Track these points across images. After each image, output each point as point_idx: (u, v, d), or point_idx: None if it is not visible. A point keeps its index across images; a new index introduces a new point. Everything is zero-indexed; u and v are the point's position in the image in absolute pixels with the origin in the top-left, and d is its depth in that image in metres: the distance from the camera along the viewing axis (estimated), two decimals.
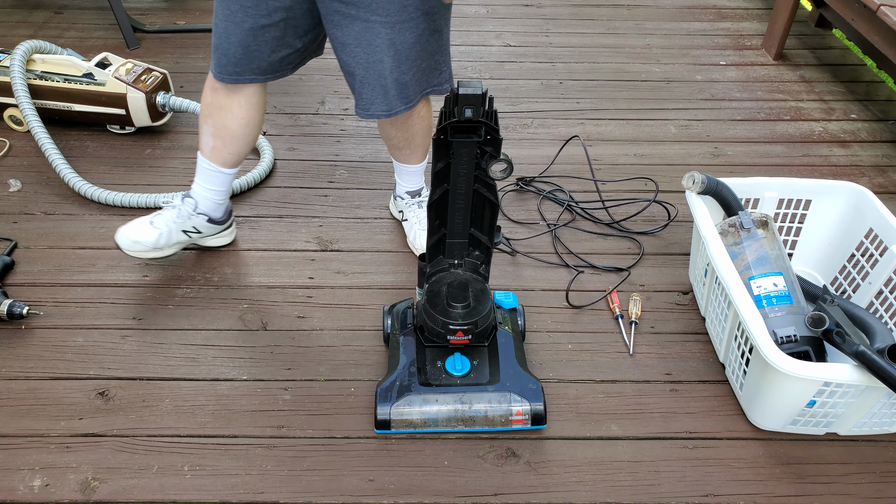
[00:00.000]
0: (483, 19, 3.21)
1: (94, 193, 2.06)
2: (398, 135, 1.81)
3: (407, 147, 1.86)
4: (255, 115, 1.75)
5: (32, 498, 1.39)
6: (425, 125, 1.81)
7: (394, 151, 1.90)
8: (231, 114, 1.71)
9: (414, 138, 1.82)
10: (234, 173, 1.84)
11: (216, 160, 1.78)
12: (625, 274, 1.93)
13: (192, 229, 1.85)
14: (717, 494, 1.44)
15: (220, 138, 1.75)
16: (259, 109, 1.76)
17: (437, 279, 1.55)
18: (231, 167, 1.81)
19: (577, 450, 1.51)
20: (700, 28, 3.21)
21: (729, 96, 2.73)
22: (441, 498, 1.42)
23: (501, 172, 1.33)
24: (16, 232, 1.98)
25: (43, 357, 1.65)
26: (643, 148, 2.44)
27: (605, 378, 1.66)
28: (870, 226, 1.72)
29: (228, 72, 1.63)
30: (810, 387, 1.38)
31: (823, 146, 2.49)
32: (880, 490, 1.46)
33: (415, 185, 1.99)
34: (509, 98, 2.67)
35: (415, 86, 1.63)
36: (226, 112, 1.71)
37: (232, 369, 1.65)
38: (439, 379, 1.52)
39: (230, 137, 1.75)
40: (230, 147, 1.77)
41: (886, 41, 2.39)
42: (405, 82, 1.60)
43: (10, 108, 2.31)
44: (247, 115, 1.73)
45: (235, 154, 1.79)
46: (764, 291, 1.60)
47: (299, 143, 2.39)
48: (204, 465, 1.45)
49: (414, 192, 2.00)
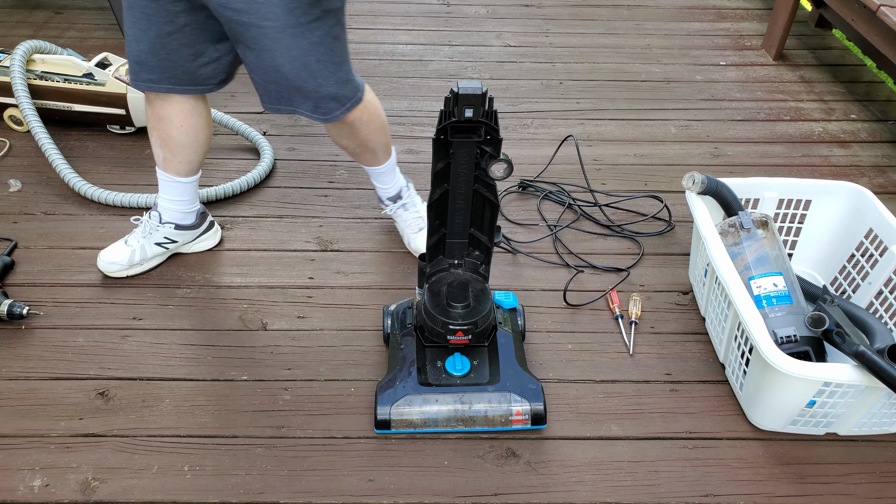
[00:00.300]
0: (483, 19, 3.21)
1: (94, 193, 2.07)
2: (349, 144, 1.76)
3: (364, 152, 1.81)
4: (197, 121, 1.70)
5: (32, 498, 1.39)
6: (373, 128, 1.73)
7: (355, 158, 1.86)
8: (171, 123, 1.68)
9: (367, 143, 1.76)
10: (193, 181, 1.81)
11: (170, 171, 1.77)
12: (624, 274, 1.93)
13: (164, 240, 1.85)
14: (717, 494, 1.44)
15: (168, 149, 1.72)
16: (200, 114, 1.70)
17: (437, 279, 1.55)
18: (186, 176, 1.78)
19: (577, 450, 1.51)
20: (700, 28, 3.21)
21: (729, 96, 2.74)
22: (441, 498, 1.42)
23: (501, 172, 1.33)
24: (16, 232, 1.98)
25: (43, 357, 1.65)
26: (643, 148, 2.44)
27: (605, 378, 1.66)
28: (870, 226, 1.72)
29: (142, 79, 1.59)
30: (810, 387, 1.38)
31: (823, 146, 2.49)
32: (880, 490, 1.46)
33: (391, 187, 1.93)
34: (509, 98, 2.68)
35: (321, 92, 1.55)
36: (165, 122, 1.68)
37: (232, 369, 1.65)
38: (439, 379, 1.52)
39: (176, 147, 1.72)
40: (179, 156, 1.74)
41: (886, 41, 2.39)
42: (308, 91, 1.54)
43: (11, 108, 2.31)
44: (187, 123, 1.69)
45: (187, 162, 1.76)
46: (764, 291, 1.60)
47: (299, 143, 2.40)
48: (204, 465, 1.45)
49: (393, 196, 1.94)
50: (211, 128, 1.77)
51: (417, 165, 2.31)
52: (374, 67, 2.82)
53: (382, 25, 3.11)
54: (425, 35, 3.06)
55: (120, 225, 2.00)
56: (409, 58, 2.90)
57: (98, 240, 1.96)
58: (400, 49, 2.95)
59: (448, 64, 2.87)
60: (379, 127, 1.75)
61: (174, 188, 1.80)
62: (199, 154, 1.77)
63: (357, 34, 3.03)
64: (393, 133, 2.45)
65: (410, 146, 2.40)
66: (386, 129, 1.80)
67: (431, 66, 2.85)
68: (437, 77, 2.78)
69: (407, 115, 2.55)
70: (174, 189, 1.80)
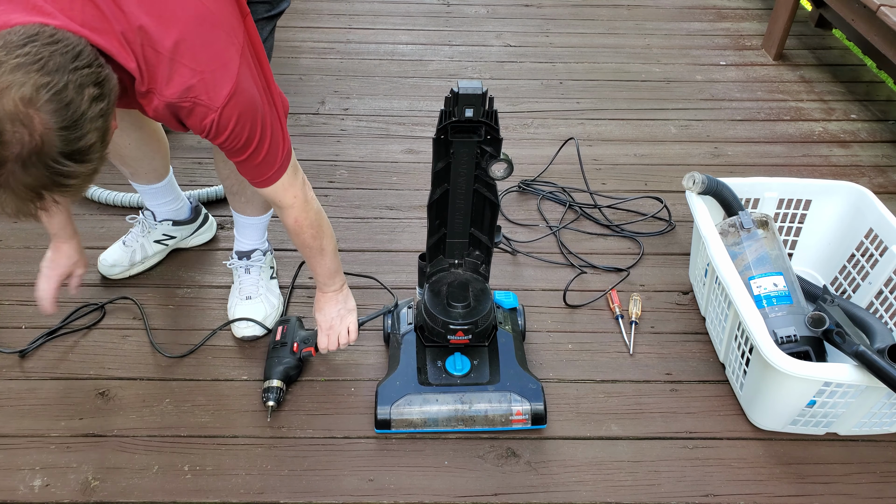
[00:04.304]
0: (483, 19, 3.21)
1: (94, 193, 2.06)
2: (231, 175, 1.56)
3: (242, 193, 1.64)
4: (141, 133, 1.63)
5: (32, 498, 1.39)
6: None
7: (230, 197, 1.68)
8: (116, 143, 1.57)
9: (248, 187, 1.47)
10: (167, 182, 1.78)
11: (141, 181, 1.75)
12: (624, 274, 1.93)
13: (163, 237, 1.85)
14: (717, 494, 1.44)
15: (127, 164, 1.69)
16: (139, 126, 1.61)
17: (438, 279, 1.55)
18: (158, 181, 1.76)
19: (577, 450, 1.51)
20: (700, 28, 3.21)
21: (729, 96, 2.73)
22: (441, 498, 1.42)
23: (502, 172, 1.33)
24: (15, 231, 1.98)
25: (43, 357, 1.65)
26: (643, 148, 2.44)
27: (606, 378, 1.66)
28: (870, 226, 1.72)
29: None
30: (810, 387, 1.38)
31: (823, 146, 2.49)
32: (880, 490, 1.46)
33: (249, 244, 1.75)
34: (509, 98, 2.67)
35: None
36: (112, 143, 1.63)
37: (232, 369, 1.65)
38: (439, 379, 1.52)
39: (133, 161, 1.68)
40: (141, 168, 1.71)
41: (886, 41, 2.39)
42: None
43: None
44: (131, 138, 1.61)
45: (152, 170, 1.73)
46: (764, 291, 1.60)
47: (299, 143, 2.39)
48: (204, 465, 1.45)
49: (244, 252, 1.74)
50: (160, 131, 1.71)
51: (417, 165, 2.31)
52: (374, 67, 2.82)
53: (382, 25, 3.11)
54: (425, 35, 3.06)
55: (120, 225, 2.00)
56: (410, 58, 2.89)
57: (98, 240, 1.96)
58: (400, 49, 2.95)
59: (448, 64, 2.87)
60: None
61: (153, 194, 1.80)
62: (158, 160, 1.72)
63: (357, 34, 3.03)
64: (393, 133, 2.45)
65: (410, 146, 2.40)
66: None
67: (431, 66, 2.85)
68: (438, 77, 2.78)
69: (407, 115, 2.55)
70: (154, 195, 1.80)
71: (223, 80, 1.13)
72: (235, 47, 1.14)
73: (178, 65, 1.09)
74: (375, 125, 2.49)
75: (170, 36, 1.08)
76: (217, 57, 1.12)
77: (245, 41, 1.18)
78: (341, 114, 2.54)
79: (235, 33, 1.15)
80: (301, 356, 1.58)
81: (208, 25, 1.11)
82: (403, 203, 2.15)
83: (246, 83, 1.16)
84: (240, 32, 1.17)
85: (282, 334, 1.61)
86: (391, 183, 2.23)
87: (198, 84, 1.11)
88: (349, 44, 2.95)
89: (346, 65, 2.81)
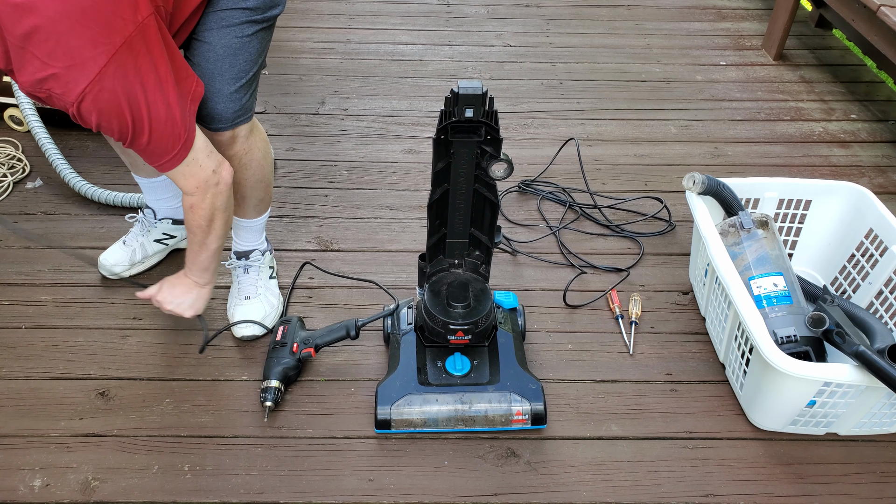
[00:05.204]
0: (483, 19, 3.21)
1: (94, 193, 2.06)
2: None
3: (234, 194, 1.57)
4: None
5: (32, 498, 1.39)
6: (254, 176, 1.56)
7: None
8: None
9: (240, 189, 1.57)
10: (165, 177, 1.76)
11: (141, 174, 1.76)
12: (624, 274, 1.93)
13: (163, 236, 1.85)
14: (717, 494, 1.44)
15: (127, 154, 1.70)
16: None
17: (438, 279, 1.55)
18: (158, 175, 1.75)
19: (577, 450, 1.51)
20: (700, 28, 3.21)
21: (729, 96, 2.73)
22: (441, 498, 1.42)
23: (502, 172, 1.33)
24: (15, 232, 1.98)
25: (43, 357, 1.65)
26: (643, 148, 2.44)
27: (605, 378, 1.66)
28: (870, 226, 1.72)
29: None
30: (810, 387, 1.38)
31: (823, 146, 2.49)
32: (880, 490, 1.46)
33: (246, 245, 1.74)
34: (509, 98, 2.67)
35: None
36: None
37: (232, 369, 1.65)
38: (439, 379, 1.52)
39: (132, 153, 1.68)
40: (140, 159, 1.65)
41: (886, 41, 2.39)
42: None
43: (11, 108, 2.31)
44: None
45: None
46: (764, 291, 1.60)
47: (299, 143, 2.39)
48: (204, 465, 1.45)
49: (242, 252, 1.73)
50: None
51: (417, 165, 2.31)
52: (374, 67, 2.82)
53: (382, 25, 3.11)
54: (425, 35, 3.06)
55: (119, 225, 2.00)
56: (410, 58, 2.89)
57: (98, 240, 1.96)
58: (400, 49, 2.95)
59: (448, 64, 2.87)
60: (262, 177, 1.60)
61: (153, 189, 1.80)
62: None
63: (357, 34, 3.02)
64: (393, 133, 2.45)
65: (410, 146, 2.40)
66: (266, 183, 1.63)
67: (431, 66, 2.85)
68: (438, 77, 2.78)
69: (407, 115, 2.55)
70: (154, 189, 1.80)
71: (78, 78, 1.14)
72: (105, 46, 1.13)
73: (28, 54, 1.12)
74: (375, 125, 2.49)
75: (21, 25, 1.09)
76: (73, 54, 1.13)
77: (134, 38, 1.16)
78: (341, 114, 2.54)
79: (113, 32, 1.14)
80: (301, 357, 1.58)
81: (72, 21, 1.11)
82: (403, 203, 2.15)
83: (113, 82, 1.16)
84: (124, 31, 1.15)
85: (282, 334, 1.61)
86: (391, 183, 2.23)
87: (49, 78, 1.14)
88: (349, 44, 2.95)
89: (346, 65, 2.81)
